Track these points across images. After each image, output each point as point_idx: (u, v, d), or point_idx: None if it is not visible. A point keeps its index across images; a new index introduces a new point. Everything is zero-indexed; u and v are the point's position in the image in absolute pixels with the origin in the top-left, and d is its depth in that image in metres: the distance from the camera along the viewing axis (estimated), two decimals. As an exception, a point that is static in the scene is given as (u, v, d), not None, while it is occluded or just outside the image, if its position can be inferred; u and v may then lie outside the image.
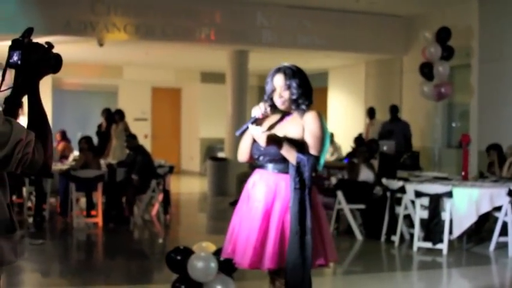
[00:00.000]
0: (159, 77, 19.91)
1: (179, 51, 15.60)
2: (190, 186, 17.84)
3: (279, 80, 4.24)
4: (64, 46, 14.36)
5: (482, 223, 9.17)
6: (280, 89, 4.23)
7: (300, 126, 4.18)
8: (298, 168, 4.05)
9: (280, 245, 4.08)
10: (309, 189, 4.08)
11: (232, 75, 14.46)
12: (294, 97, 4.23)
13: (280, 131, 4.19)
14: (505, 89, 11.99)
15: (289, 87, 4.23)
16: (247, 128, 4.22)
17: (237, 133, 4.31)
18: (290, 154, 4.07)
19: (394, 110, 13.50)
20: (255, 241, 4.07)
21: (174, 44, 14.12)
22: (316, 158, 4.10)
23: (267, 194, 4.15)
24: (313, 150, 4.10)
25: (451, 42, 12.12)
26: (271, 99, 4.27)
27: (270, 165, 4.21)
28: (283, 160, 4.11)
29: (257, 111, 4.23)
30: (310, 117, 4.20)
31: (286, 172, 4.11)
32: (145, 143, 17.80)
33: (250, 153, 4.31)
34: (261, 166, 4.27)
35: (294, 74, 4.26)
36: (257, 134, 4.08)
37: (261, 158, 4.24)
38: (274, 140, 4.07)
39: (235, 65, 14.48)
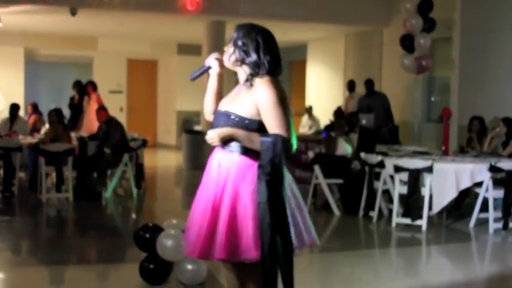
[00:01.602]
0: (134, 49, 19.53)
1: (155, 22, 15.25)
2: (166, 159, 17.59)
3: (233, 35, 3.70)
4: (36, 16, 13.98)
5: (462, 199, 8.99)
6: (227, 48, 3.71)
7: (251, 100, 3.54)
8: (266, 155, 3.46)
9: (231, 235, 3.51)
10: (281, 175, 3.50)
11: (209, 46, 14.14)
12: (239, 58, 3.63)
13: (232, 102, 3.65)
14: (487, 63, 11.79)
15: (235, 43, 3.66)
16: (201, 73, 3.83)
17: (190, 77, 3.89)
18: (253, 144, 3.50)
19: (369, 83, 13.28)
20: (205, 230, 3.55)
21: (150, 15, 13.77)
22: (285, 138, 3.48)
23: (219, 177, 3.60)
24: (276, 129, 3.48)
25: (433, 14, 11.88)
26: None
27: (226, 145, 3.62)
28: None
29: (212, 60, 3.80)
30: (260, 88, 3.52)
31: (246, 154, 3.56)
32: (121, 116, 17.49)
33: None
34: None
35: (249, 32, 3.66)
36: (209, 138, 3.58)
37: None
38: (229, 137, 3.54)
39: (212, 36, 14.17)
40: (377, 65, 15.00)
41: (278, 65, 3.68)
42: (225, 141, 3.57)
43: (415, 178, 8.34)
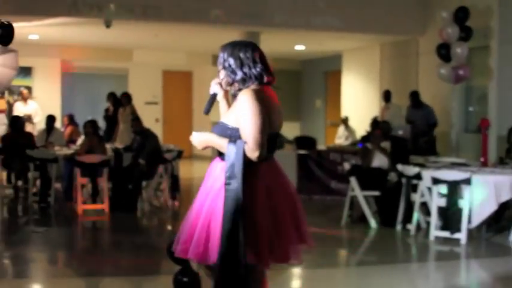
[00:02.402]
0: (169, 60, 19.58)
1: (189, 33, 15.26)
2: (201, 171, 17.55)
3: (220, 58, 3.95)
4: (72, 28, 14.08)
5: (502, 211, 8.79)
6: (219, 69, 3.95)
7: (233, 110, 3.85)
8: (227, 161, 3.74)
9: (206, 237, 3.78)
10: (244, 181, 3.69)
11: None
12: (230, 80, 3.91)
13: (226, 114, 3.94)
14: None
15: (223, 66, 3.93)
16: (211, 103, 4.06)
17: (204, 112, 4.11)
18: (223, 149, 3.81)
19: (415, 95, 13.09)
20: (190, 231, 3.86)
21: (184, 26, 13.77)
22: (248, 147, 3.70)
23: (209, 182, 3.90)
24: (245, 137, 3.71)
25: (470, 23, 11.71)
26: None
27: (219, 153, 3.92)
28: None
29: (214, 87, 4.03)
30: (240, 99, 3.78)
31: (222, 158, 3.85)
32: (157, 127, 17.54)
33: None
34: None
35: (232, 51, 3.90)
36: (193, 139, 3.94)
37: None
38: (205, 142, 3.91)
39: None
40: (413, 74, 14.83)
41: (267, 74, 3.89)
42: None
43: (453, 190, 8.17)
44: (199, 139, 3.93)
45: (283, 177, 4.04)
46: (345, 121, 16.27)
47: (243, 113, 3.73)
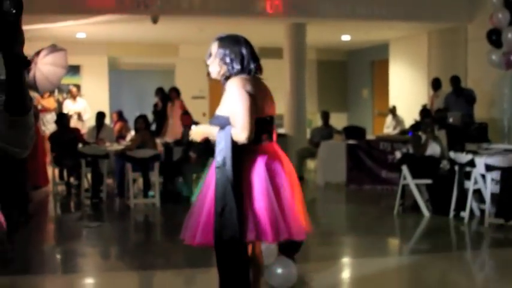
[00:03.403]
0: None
1: (235, 26, 15.27)
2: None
3: (211, 49, 4.24)
4: (118, 25, 14.22)
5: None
6: (212, 58, 4.20)
7: (224, 100, 4.15)
8: (217, 146, 4.03)
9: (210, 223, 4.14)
10: (235, 165, 3.98)
11: (290, 49, 14.08)
12: (227, 72, 4.17)
13: (220, 106, 4.19)
14: None
15: (223, 60, 4.19)
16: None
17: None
18: (214, 136, 4.11)
19: (455, 80, 12.92)
20: (203, 218, 4.17)
21: (229, 19, 13.80)
22: (235, 132, 4.01)
23: (212, 171, 4.17)
24: (234, 123, 4.02)
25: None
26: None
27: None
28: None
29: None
30: (228, 88, 4.10)
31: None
32: (204, 121, 17.60)
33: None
34: None
35: (233, 46, 4.19)
36: (192, 134, 4.27)
37: None
38: (203, 134, 4.21)
39: (292, 38, 14.09)
40: (462, 62, 14.62)
41: (259, 67, 4.26)
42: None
43: (507, 177, 8.05)
44: (197, 131, 4.26)
45: (283, 161, 4.23)
46: (392, 110, 16.13)
47: (230, 99, 4.05)
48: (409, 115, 14.65)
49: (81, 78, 18.13)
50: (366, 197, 11.14)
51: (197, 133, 4.24)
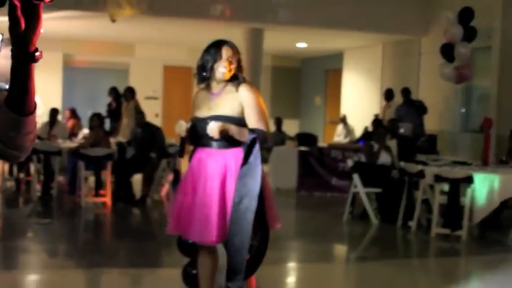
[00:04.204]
0: (171, 55, 19.63)
1: (192, 28, 15.30)
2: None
3: (228, 51, 4.38)
4: (76, 22, 14.11)
5: (502, 210, 8.88)
6: (228, 59, 4.35)
7: (236, 101, 4.31)
8: (252, 146, 4.23)
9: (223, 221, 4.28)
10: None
11: (247, 54, 14.12)
12: (237, 71, 4.38)
13: (216, 107, 4.35)
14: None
15: (236, 60, 4.38)
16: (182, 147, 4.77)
17: (180, 156, 4.98)
18: (243, 137, 4.27)
19: (406, 92, 13.16)
20: (217, 217, 4.23)
21: (188, 21, 13.82)
22: (264, 132, 4.30)
23: (219, 170, 4.29)
24: (260, 124, 4.29)
25: (473, 23, 11.77)
26: (207, 70, 4.39)
27: (214, 143, 4.35)
28: (225, 138, 4.29)
29: (180, 129, 4.46)
30: (246, 89, 4.33)
31: (231, 147, 4.31)
32: (156, 122, 17.55)
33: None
34: (205, 144, 4.40)
35: (237, 49, 4.46)
36: (212, 128, 4.24)
37: (205, 136, 4.35)
38: (225, 131, 4.24)
39: (250, 43, 14.16)
40: (415, 74, 14.90)
41: None
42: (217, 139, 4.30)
43: (455, 188, 8.25)
44: (219, 127, 4.23)
45: None
46: (343, 119, 16.34)
47: (253, 103, 4.30)
48: (361, 124, 14.87)
49: (34, 73, 17.89)
50: (315, 203, 11.26)
51: (220, 129, 4.24)
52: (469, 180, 8.17)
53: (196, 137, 4.45)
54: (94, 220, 9.87)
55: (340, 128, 16.34)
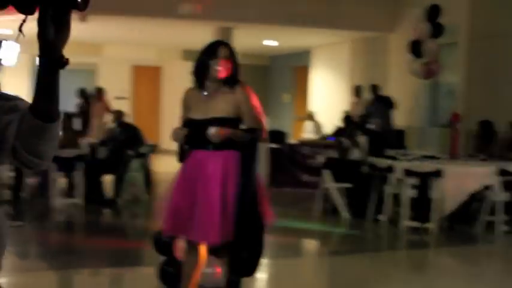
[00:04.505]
0: (139, 55, 19.59)
1: (161, 28, 15.30)
2: (171, 165, 17.60)
3: (225, 51, 4.45)
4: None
5: (470, 202, 9.03)
6: (224, 58, 4.41)
7: (233, 102, 4.41)
8: (251, 146, 4.42)
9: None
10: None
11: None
12: (234, 72, 4.46)
13: (213, 109, 4.42)
14: (494, 67, 11.83)
15: (233, 61, 4.46)
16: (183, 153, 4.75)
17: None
18: (242, 138, 4.44)
19: (374, 89, 13.29)
20: (220, 217, 4.31)
21: (157, 20, 13.81)
22: (261, 130, 4.46)
23: (219, 171, 4.38)
24: (258, 124, 4.45)
25: (440, 20, 11.93)
26: (205, 69, 4.45)
27: (212, 145, 4.40)
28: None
29: (178, 137, 4.56)
30: (243, 90, 4.47)
31: (229, 148, 4.40)
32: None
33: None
34: (202, 146, 4.46)
35: (234, 51, 4.53)
36: (214, 134, 4.34)
37: (202, 139, 4.41)
38: (227, 135, 4.36)
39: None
40: (383, 70, 15.04)
41: None
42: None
43: (424, 182, 8.39)
44: (220, 133, 4.36)
45: None
46: (310, 116, 16.42)
47: (251, 103, 4.47)
48: (331, 120, 14.97)
49: (2, 74, 17.75)
50: (287, 199, 11.32)
51: (223, 134, 4.36)
52: (438, 174, 8.30)
53: (192, 139, 4.50)
54: (66, 221, 9.83)
55: (308, 124, 16.43)
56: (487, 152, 9.91)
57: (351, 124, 10.94)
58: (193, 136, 4.50)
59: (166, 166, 16.87)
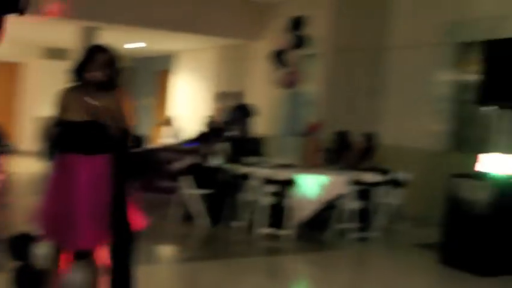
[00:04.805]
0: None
1: (24, 25, 14.78)
2: (27, 166, 17.05)
3: (103, 56, 4.45)
4: None
5: (324, 210, 9.29)
6: (102, 63, 4.42)
7: (111, 105, 4.40)
8: (121, 150, 4.49)
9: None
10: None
11: (80, 52, 13.85)
12: (112, 76, 4.46)
13: (87, 111, 4.39)
14: (352, 79, 12.26)
15: (112, 65, 4.46)
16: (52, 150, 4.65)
17: None
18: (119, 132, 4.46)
19: (237, 96, 13.46)
20: (89, 222, 4.32)
21: (19, 17, 13.30)
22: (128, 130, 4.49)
23: (89, 176, 4.38)
24: (129, 127, 4.48)
25: (305, 31, 12.21)
26: (81, 72, 4.44)
27: (83, 150, 4.42)
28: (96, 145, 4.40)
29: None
30: (121, 95, 4.50)
31: (100, 153, 4.42)
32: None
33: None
34: (74, 150, 4.42)
35: (115, 56, 4.51)
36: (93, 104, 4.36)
37: (76, 142, 4.42)
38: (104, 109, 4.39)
39: (83, 42, 13.89)
40: (247, 77, 15.22)
41: None
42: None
43: (281, 189, 8.55)
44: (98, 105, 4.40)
45: None
46: (168, 121, 16.37)
47: (125, 107, 4.51)
48: (194, 126, 14.98)
49: None
50: (145, 205, 11.17)
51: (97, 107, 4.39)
52: (294, 181, 8.49)
53: (64, 141, 4.45)
54: None
55: (167, 129, 16.35)
56: (343, 162, 10.25)
57: (213, 130, 10.99)
58: (66, 138, 4.45)
59: (22, 167, 16.44)
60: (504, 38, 8.58)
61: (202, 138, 11.19)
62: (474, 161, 7.85)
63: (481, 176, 7.56)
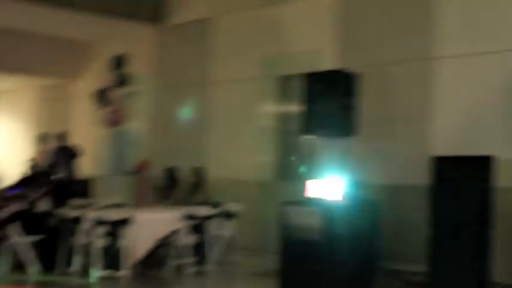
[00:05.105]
0: None
1: None
2: None
3: None
4: None
5: (159, 247, 9.27)
6: None
7: None
8: None
9: None
10: None
11: None
12: None
13: None
14: (180, 115, 12.40)
15: None
16: None
17: None
18: None
19: (61, 137, 13.14)
20: None
21: None
22: None
23: None
24: None
25: (127, 69, 12.20)
26: None
27: None
28: None
29: None
30: None
31: None
32: None
33: None
34: None
35: None
36: None
37: None
38: None
39: None
40: (70, 117, 14.92)
41: None
42: None
43: (113, 230, 8.44)
44: None
45: None
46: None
47: None
48: (14, 171, 14.43)
49: None
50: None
51: None
52: (126, 221, 8.42)
53: None
54: None
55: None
56: (173, 198, 10.29)
57: (37, 174, 10.65)
58: None
59: None
60: (321, 71, 8.99)
61: (26, 183, 10.79)
62: (302, 188, 8.14)
63: (310, 203, 7.85)
